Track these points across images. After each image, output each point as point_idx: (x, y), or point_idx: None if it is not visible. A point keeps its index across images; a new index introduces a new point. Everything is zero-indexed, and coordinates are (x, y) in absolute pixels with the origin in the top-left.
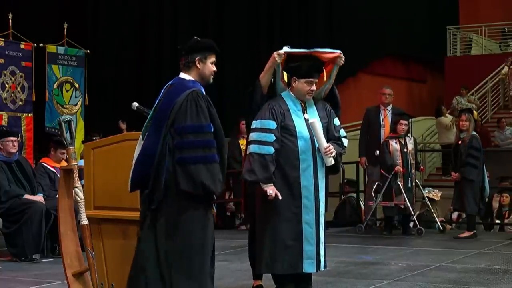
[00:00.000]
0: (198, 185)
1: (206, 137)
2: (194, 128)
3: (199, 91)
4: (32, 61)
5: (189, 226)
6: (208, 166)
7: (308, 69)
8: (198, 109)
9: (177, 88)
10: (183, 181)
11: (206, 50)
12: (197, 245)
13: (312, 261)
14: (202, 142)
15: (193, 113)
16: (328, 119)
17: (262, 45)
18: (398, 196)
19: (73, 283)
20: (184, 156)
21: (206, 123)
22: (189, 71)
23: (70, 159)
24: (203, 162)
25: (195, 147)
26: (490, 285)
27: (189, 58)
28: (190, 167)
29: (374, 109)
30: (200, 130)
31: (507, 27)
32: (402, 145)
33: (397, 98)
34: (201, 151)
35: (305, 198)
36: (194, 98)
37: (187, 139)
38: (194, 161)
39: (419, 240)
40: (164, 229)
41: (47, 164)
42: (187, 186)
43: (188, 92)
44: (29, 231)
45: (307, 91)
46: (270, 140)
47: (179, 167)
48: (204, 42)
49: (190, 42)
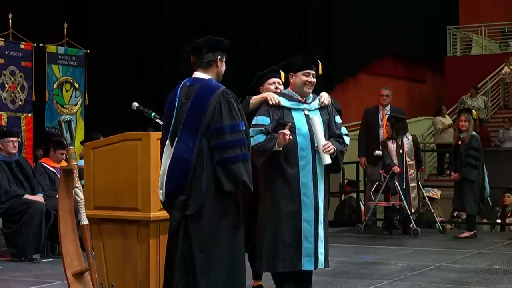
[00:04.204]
0: (240, 184)
1: (241, 135)
2: (231, 127)
3: (228, 90)
4: (32, 61)
5: (228, 227)
6: (246, 164)
7: (303, 60)
8: (231, 108)
9: (204, 89)
10: (226, 182)
11: (225, 50)
12: (237, 245)
13: (311, 258)
14: (239, 141)
15: (228, 113)
16: (329, 116)
17: (262, 45)
18: (394, 196)
19: (73, 283)
20: (224, 157)
21: (239, 121)
22: (208, 70)
23: (70, 159)
24: (242, 161)
25: (234, 147)
26: (490, 285)
27: (211, 56)
28: (231, 167)
29: (372, 109)
30: (236, 129)
31: (507, 27)
32: (399, 146)
33: (397, 98)
34: (239, 150)
35: (304, 195)
36: (226, 97)
37: (226, 140)
38: (234, 160)
39: (419, 240)
40: (203, 233)
41: (47, 164)
42: (230, 187)
43: (219, 92)
44: (29, 231)
45: (306, 83)
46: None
47: (220, 169)
48: (227, 42)
49: (212, 40)
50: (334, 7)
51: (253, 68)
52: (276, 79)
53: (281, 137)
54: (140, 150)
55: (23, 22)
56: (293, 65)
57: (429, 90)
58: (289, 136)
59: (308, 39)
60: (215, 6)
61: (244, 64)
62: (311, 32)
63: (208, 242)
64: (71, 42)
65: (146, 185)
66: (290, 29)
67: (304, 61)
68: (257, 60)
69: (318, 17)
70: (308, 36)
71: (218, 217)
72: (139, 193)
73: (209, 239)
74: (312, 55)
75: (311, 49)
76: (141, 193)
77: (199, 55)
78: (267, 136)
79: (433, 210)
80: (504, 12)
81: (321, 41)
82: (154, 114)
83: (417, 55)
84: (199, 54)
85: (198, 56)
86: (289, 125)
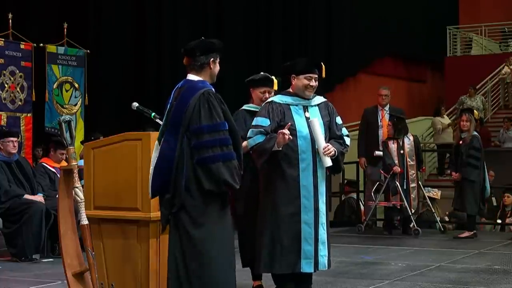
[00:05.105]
0: (221, 183)
1: (221, 135)
2: (209, 127)
3: (210, 90)
4: (32, 61)
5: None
6: (227, 163)
7: (307, 63)
8: (211, 109)
9: (188, 90)
10: (206, 181)
11: (219, 51)
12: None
13: (310, 261)
14: (218, 140)
15: (207, 113)
16: (330, 118)
17: (262, 45)
18: (394, 196)
19: (73, 283)
20: (203, 157)
21: (220, 121)
22: (200, 72)
23: (70, 159)
24: (222, 160)
25: (213, 146)
26: (490, 285)
27: (204, 59)
28: (210, 167)
29: (372, 109)
30: (215, 129)
31: (507, 27)
32: (400, 146)
33: (397, 98)
34: (219, 149)
35: (304, 197)
36: (206, 98)
37: (204, 139)
38: (213, 160)
39: (419, 240)
40: (186, 230)
41: (47, 164)
42: (211, 186)
43: (200, 92)
44: (29, 231)
45: (307, 87)
46: (260, 134)
47: (199, 168)
48: (219, 43)
49: (204, 42)
50: (334, 7)
51: (253, 68)
52: (268, 88)
53: (280, 137)
54: (140, 150)
55: (23, 22)
56: (296, 67)
57: (429, 90)
58: (288, 136)
59: (308, 39)
60: (215, 6)
61: (244, 64)
62: (311, 32)
63: (195, 240)
64: (71, 42)
65: (146, 185)
66: (290, 29)
67: (308, 65)
68: (257, 60)
69: (318, 17)
70: (308, 36)
71: (203, 215)
72: (139, 193)
73: (196, 237)
74: (316, 59)
75: (311, 49)
76: (141, 193)
77: (192, 58)
78: (267, 136)
79: (434, 210)
80: (504, 12)
81: (321, 41)
82: (154, 114)
83: (417, 55)
84: (192, 57)
85: (191, 58)
86: (288, 125)
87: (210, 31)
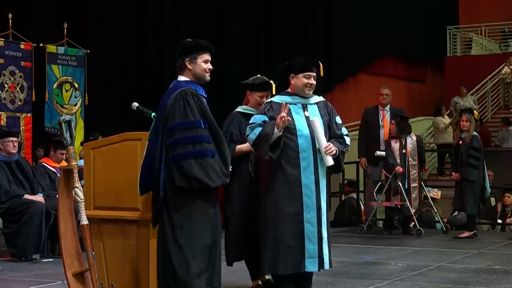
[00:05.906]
0: (192, 180)
1: (194, 132)
2: (182, 125)
3: (189, 89)
4: (31, 61)
5: (188, 222)
6: (200, 160)
7: (304, 62)
8: (185, 106)
9: (171, 90)
10: (177, 177)
11: (195, 50)
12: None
13: (314, 260)
14: (191, 138)
15: (181, 111)
16: (330, 117)
17: (262, 45)
18: (396, 196)
19: (73, 283)
20: (176, 153)
21: (194, 119)
22: (183, 73)
23: (70, 159)
24: (193, 157)
25: (185, 143)
26: (490, 285)
27: (180, 61)
28: (181, 163)
29: (372, 109)
30: (188, 126)
31: (507, 27)
32: (402, 146)
33: (397, 98)
34: (191, 146)
35: (306, 196)
36: (183, 96)
37: (177, 137)
38: (184, 157)
39: (419, 240)
40: (167, 226)
41: (47, 164)
42: (182, 182)
43: (178, 92)
44: (29, 231)
45: (306, 85)
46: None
47: (173, 165)
48: (189, 43)
49: (181, 45)
50: (334, 7)
51: (252, 68)
52: (266, 92)
53: (278, 120)
54: (140, 150)
55: (23, 22)
56: (294, 66)
57: (429, 90)
58: (286, 117)
59: (308, 39)
60: (215, 6)
61: (244, 64)
62: (311, 32)
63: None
64: (71, 42)
65: None
66: (290, 29)
67: (305, 63)
68: (257, 60)
69: (318, 17)
70: (308, 36)
71: (176, 212)
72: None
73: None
74: (313, 57)
75: (311, 49)
76: None
77: (176, 60)
78: (264, 124)
79: (435, 210)
80: (504, 12)
81: (321, 41)
82: (154, 114)
83: (417, 55)
84: (176, 59)
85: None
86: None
87: (210, 31)
